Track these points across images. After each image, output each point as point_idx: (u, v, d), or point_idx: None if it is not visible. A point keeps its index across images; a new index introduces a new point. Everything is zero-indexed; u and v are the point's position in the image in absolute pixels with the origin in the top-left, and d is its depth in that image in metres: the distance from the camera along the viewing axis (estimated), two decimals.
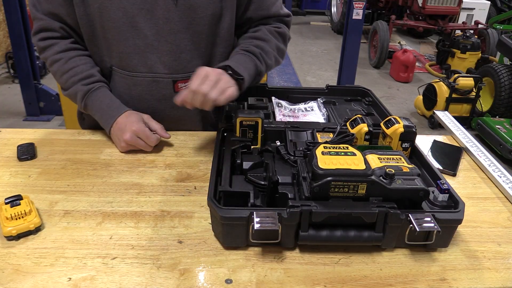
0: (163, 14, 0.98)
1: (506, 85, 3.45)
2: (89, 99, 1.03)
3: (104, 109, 1.03)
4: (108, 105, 1.03)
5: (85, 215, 0.79)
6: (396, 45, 5.88)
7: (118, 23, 0.98)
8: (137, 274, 0.66)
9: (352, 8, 3.16)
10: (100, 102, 1.03)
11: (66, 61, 1.03)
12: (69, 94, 1.05)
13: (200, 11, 1.01)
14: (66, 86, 1.05)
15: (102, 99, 1.03)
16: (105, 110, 1.03)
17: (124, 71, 1.04)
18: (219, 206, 0.69)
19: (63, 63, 1.03)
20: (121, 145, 1.00)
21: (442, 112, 1.28)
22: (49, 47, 1.04)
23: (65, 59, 1.03)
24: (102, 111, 1.03)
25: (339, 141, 0.85)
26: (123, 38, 1.00)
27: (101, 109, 1.03)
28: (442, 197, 0.76)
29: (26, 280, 0.64)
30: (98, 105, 1.03)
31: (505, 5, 6.18)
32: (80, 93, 1.03)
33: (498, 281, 0.68)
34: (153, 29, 0.99)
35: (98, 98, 1.03)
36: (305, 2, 8.04)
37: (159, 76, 1.04)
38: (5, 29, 4.49)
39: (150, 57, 1.02)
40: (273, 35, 1.12)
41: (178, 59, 1.04)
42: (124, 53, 1.02)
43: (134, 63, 1.03)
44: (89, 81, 1.03)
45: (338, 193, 0.70)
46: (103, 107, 1.03)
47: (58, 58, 1.04)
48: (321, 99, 1.21)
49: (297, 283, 0.66)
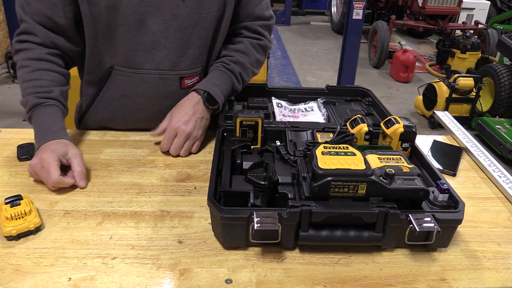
0: (170, 10, 0.98)
1: (506, 85, 3.45)
2: (35, 112, 0.95)
3: (42, 128, 0.93)
4: (48, 126, 0.93)
5: (85, 215, 0.79)
6: (396, 45, 5.88)
7: (127, 20, 0.96)
8: (137, 274, 0.66)
9: (352, 8, 3.17)
10: (43, 119, 0.94)
11: (32, 70, 0.97)
12: (22, 103, 0.97)
13: (207, 6, 1.01)
14: (23, 93, 0.97)
15: (47, 117, 0.95)
16: (42, 129, 0.93)
17: (130, 69, 1.04)
18: (219, 206, 0.69)
19: (29, 71, 0.97)
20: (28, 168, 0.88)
21: (442, 112, 1.28)
22: (23, 51, 0.99)
23: (32, 68, 0.97)
24: (39, 129, 0.94)
25: (339, 141, 0.85)
26: (131, 35, 0.99)
27: (39, 126, 0.94)
28: (442, 197, 0.76)
29: (26, 280, 0.64)
30: (40, 121, 0.94)
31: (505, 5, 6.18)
32: (30, 104, 0.95)
33: (498, 281, 0.68)
34: (161, 26, 0.99)
35: (43, 114, 0.95)
36: (305, 2, 8.05)
37: (166, 73, 1.04)
38: (5, 29, 4.49)
39: (157, 54, 1.02)
40: (255, 48, 1.16)
41: (185, 55, 1.04)
42: (130, 51, 1.01)
43: (140, 61, 1.02)
44: (43, 95, 0.96)
45: (338, 193, 0.70)
46: (42, 125, 0.94)
47: (26, 64, 0.98)
48: (321, 99, 1.21)
49: (297, 283, 0.66)
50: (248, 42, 1.15)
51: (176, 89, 1.07)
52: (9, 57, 4.03)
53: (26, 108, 0.97)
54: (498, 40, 3.75)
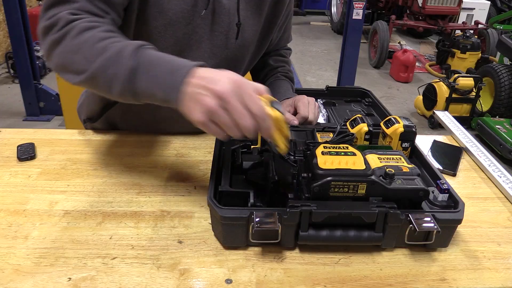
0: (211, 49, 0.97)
1: (506, 85, 3.45)
2: (144, 52, 0.69)
3: (171, 60, 0.68)
4: (175, 59, 0.69)
5: (85, 215, 0.79)
6: (396, 45, 5.88)
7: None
8: (137, 274, 0.66)
9: (352, 8, 3.16)
10: (162, 56, 0.70)
11: (107, 29, 0.75)
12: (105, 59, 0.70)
13: (246, 50, 1.04)
14: (100, 49, 0.70)
15: (162, 54, 0.70)
16: (174, 61, 0.68)
17: None
18: (219, 206, 0.69)
19: (104, 30, 0.75)
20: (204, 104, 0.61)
21: (442, 112, 1.28)
22: (81, 19, 0.75)
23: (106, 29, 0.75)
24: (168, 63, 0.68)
25: (339, 141, 0.85)
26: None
27: (165, 61, 0.68)
28: (442, 197, 0.76)
29: (26, 280, 0.64)
30: (160, 57, 0.69)
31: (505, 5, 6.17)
32: (129, 47, 0.69)
33: (498, 281, 0.68)
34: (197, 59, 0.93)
35: (157, 53, 0.71)
36: (305, 2, 8.04)
37: None
38: (5, 29, 4.49)
39: None
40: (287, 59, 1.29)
41: None
42: None
43: None
44: (138, 42, 0.71)
45: (338, 193, 0.70)
46: (168, 59, 0.69)
47: (97, 25, 0.75)
48: (321, 100, 1.21)
49: (297, 283, 0.66)
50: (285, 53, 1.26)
51: None
52: (9, 57, 4.02)
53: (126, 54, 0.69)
54: (498, 40, 3.76)
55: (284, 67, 1.23)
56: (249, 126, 0.61)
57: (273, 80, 1.18)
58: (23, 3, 3.13)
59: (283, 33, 1.19)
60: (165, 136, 1.08)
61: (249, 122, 0.61)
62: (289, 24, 1.20)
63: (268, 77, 1.20)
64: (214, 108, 0.61)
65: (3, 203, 0.81)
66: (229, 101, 0.60)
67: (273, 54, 1.23)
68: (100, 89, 0.73)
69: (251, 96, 0.62)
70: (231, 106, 0.60)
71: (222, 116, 0.61)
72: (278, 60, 1.23)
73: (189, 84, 0.64)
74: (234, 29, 0.98)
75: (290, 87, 1.17)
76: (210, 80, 0.62)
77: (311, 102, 1.07)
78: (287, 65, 1.25)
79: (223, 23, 0.96)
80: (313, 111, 1.05)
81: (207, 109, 0.61)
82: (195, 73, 0.65)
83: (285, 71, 1.22)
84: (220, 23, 0.96)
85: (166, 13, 0.88)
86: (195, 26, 0.93)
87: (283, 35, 1.20)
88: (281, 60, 1.24)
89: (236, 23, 0.97)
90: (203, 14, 0.92)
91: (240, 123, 0.61)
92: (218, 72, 0.64)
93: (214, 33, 0.96)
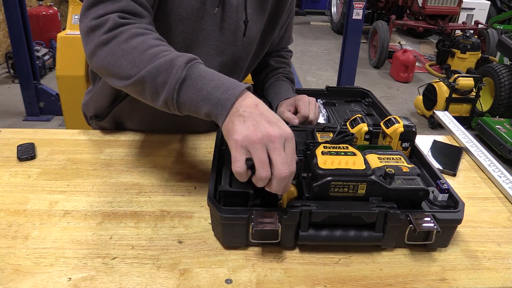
0: (217, 46, 0.98)
1: (506, 85, 3.46)
2: (195, 66, 0.71)
3: (222, 78, 0.70)
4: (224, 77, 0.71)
5: (85, 215, 0.79)
6: (396, 45, 5.88)
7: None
8: (137, 274, 0.66)
9: (352, 8, 3.17)
10: (212, 72, 0.71)
11: (157, 37, 0.77)
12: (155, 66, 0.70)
13: (250, 48, 1.05)
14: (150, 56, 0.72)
15: (212, 71, 0.72)
16: (225, 79, 0.70)
17: None
18: (219, 206, 0.69)
19: (154, 37, 0.76)
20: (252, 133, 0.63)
21: (442, 112, 1.28)
22: (131, 24, 0.77)
23: (156, 37, 0.77)
24: (220, 80, 0.69)
25: (339, 140, 0.85)
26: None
27: (216, 78, 0.70)
28: (442, 197, 0.76)
29: (26, 280, 0.64)
30: (210, 73, 0.71)
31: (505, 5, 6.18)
32: (181, 59, 0.70)
33: (498, 281, 0.68)
34: (203, 58, 0.94)
35: (207, 69, 0.72)
36: (305, 2, 8.05)
37: None
38: (5, 29, 4.49)
39: None
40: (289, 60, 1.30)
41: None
42: None
43: None
44: (189, 55, 0.72)
45: (338, 193, 0.70)
46: (218, 76, 0.71)
47: (147, 32, 0.76)
48: (321, 100, 1.21)
49: (297, 283, 0.66)
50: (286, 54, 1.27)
51: None
52: (9, 57, 4.02)
53: (178, 63, 0.70)
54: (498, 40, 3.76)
55: (285, 68, 1.23)
56: (284, 174, 0.62)
57: (274, 81, 1.19)
58: (23, 3, 3.14)
59: (284, 33, 1.19)
60: (165, 136, 1.08)
61: (286, 171, 0.63)
62: (290, 24, 1.20)
63: (269, 78, 1.20)
64: (258, 142, 0.63)
65: (3, 203, 0.81)
66: (277, 148, 0.63)
67: (274, 55, 1.24)
68: (145, 95, 0.74)
69: (293, 153, 0.65)
70: (278, 151, 0.63)
71: (261, 153, 0.63)
72: (279, 61, 1.23)
73: (241, 106, 0.66)
74: (241, 27, 0.99)
75: (291, 88, 1.18)
76: (267, 118, 0.65)
77: (311, 102, 1.07)
78: (288, 66, 1.25)
79: (230, 20, 0.97)
80: (313, 111, 1.05)
81: (251, 139, 0.63)
82: (247, 96, 0.68)
83: (286, 72, 1.22)
84: (228, 20, 0.96)
85: (177, 9, 0.89)
86: (203, 23, 0.94)
87: (284, 35, 1.20)
88: (282, 61, 1.24)
89: (244, 21, 0.98)
90: (215, 12, 0.93)
91: (278, 168, 0.62)
92: (271, 111, 0.67)
93: (222, 30, 0.97)
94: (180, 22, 0.91)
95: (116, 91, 1.03)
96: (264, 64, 1.22)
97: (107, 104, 1.07)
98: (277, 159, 0.62)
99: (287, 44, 1.26)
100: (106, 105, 1.07)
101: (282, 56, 1.25)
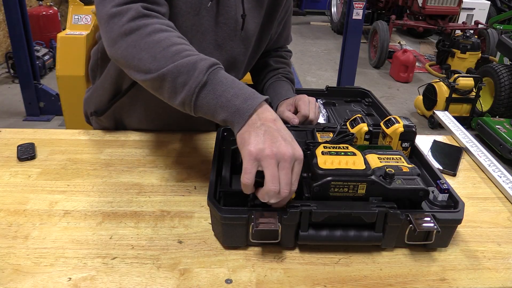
0: (216, 40, 0.98)
1: (506, 85, 3.46)
2: (217, 72, 0.71)
3: (242, 86, 0.71)
4: (244, 85, 0.72)
5: (85, 215, 0.79)
6: (396, 45, 5.88)
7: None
8: (137, 274, 0.66)
9: (352, 8, 3.17)
10: (232, 79, 0.72)
11: (180, 36, 0.77)
12: (177, 66, 0.71)
13: (249, 43, 1.05)
14: (172, 54, 0.72)
15: (232, 78, 0.73)
16: (244, 88, 0.71)
17: None
18: (219, 206, 0.69)
19: (177, 35, 0.77)
20: (267, 148, 0.64)
21: (442, 112, 1.28)
22: (154, 17, 0.78)
23: (179, 35, 0.77)
24: (239, 89, 0.70)
25: (339, 140, 0.85)
26: None
27: (235, 86, 0.70)
28: (442, 197, 0.76)
29: (26, 280, 0.64)
30: (230, 80, 0.71)
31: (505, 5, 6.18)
32: (205, 63, 0.71)
33: (498, 281, 0.68)
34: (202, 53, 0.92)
35: (228, 75, 0.73)
36: (305, 2, 8.05)
37: None
38: (5, 29, 4.49)
39: None
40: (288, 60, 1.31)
41: None
42: None
43: None
44: (212, 60, 0.73)
45: (338, 193, 0.70)
46: (238, 84, 0.71)
47: (170, 30, 0.77)
48: (321, 100, 1.21)
49: (297, 283, 0.66)
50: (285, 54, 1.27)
51: None
52: (9, 57, 4.02)
53: (200, 67, 0.71)
54: (498, 40, 3.76)
55: (284, 69, 1.23)
56: (284, 195, 0.65)
57: (274, 81, 1.19)
58: (23, 3, 3.14)
59: (282, 30, 1.19)
60: (165, 136, 1.08)
61: (287, 191, 0.65)
62: (288, 22, 1.20)
63: (268, 78, 1.20)
64: (271, 157, 0.64)
65: (3, 203, 0.81)
66: (287, 167, 0.65)
67: (274, 55, 1.24)
68: (162, 92, 0.74)
69: (298, 174, 0.68)
70: (286, 171, 0.65)
71: (273, 166, 0.64)
72: (279, 61, 1.23)
73: (260, 119, 0.67)
74: (238, 21, 0.99)
75: (291, 88, 1.18)
76: (283, 136, 0.66)
77: (311, 102, 1.07)
78: (288, 66, 1.26)
79: (227, 15, 0.97)
80: (313, 110, 1.05)
81: (265, 153, 0.64)
82: (266, 109, 0.69)
83: (285, 72, 1.22)
84: (225, 14, 0.97)
85: (177, 2, 0.90)
86: (201, 17, 0.94)
87: (283, 32, 1.20)
88: (282, 61, 1.24)
89: (241, 15, 0.99)
90: (209, 6, 0.93)
91: (282, 182, 0.65)
92: (287, 130, 0.69)
93: (219, 24, 0.97)
94: (180, 15, 0.91)
95: (117, 85, 1.04)
96: (263, 64, 1.22)
97: (108, 99, 1.07)
98: (283, 179, 0.64)
99: (286, 43, 1.26)
100: (107, 100, 1.07)
101: (282, 56, 1.25)
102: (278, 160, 0.64)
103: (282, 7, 1.10)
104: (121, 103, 1.07)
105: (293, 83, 1.22)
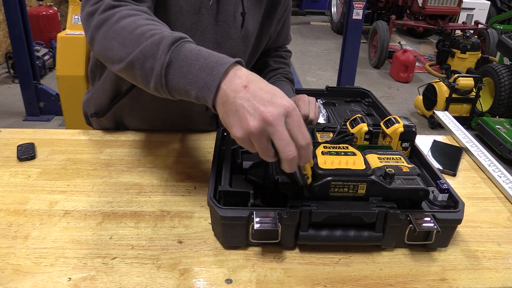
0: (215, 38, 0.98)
1: (506, 85, 3.46)
2: (181, 47, 0.66)
3: (208, 56, 0.64)
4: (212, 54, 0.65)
5: (85, 215, 0.79)
6: (396, 45, 5.88)
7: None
8: (137, 274, 0.66)
9: (352, 8, 3.17)
10: (199, 51, 0.66)
11: (148, 17, 0.74)
12: (141, 50, 0.67)
13: (249, 42, 1.05)
14: (137, 37, 0.69)
15: (199, 49, 0.66)
16: (211, 57, 0.64)
17: None
18: (219, 206, 0.69)
19: (144, 18, 0.73)
20: (248, 124, 0.57)
21: (442, 112, 1.28)
22: (123, 6, 0.75)
23: (147, 17, 0.74)
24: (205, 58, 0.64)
25: (339, 140, 0.85)
26: None
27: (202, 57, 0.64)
28: (442, 197, 0.76)
29: (26, 280, 0.64)
30: (196, 52, 0.65)
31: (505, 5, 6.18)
32: (166, 40, 0.66)
33: (498, 281, 0.68)
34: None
35: (195, 47, 0.66)
36: (305, 2, 8.05)
37: None
38: (5, 29, 4.49)
39: None
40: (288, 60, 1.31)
41: None
42: None
43: None
44: (176, 35, 0.68)
45: (338, 193, 0.70)
46: (205, 54, 0.65)
47: (138, 13, 0.74)
48: (321, 100, 1.21)
49: (297, 283, 0.66)
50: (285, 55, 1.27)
51: None
52: (9, 57, 4.02)
53: (163, 45, 0.66)
54: (498, 40, 3.76)
55: (284, 69, 1.23)
56: (291, 156, 0.58)
57: (273, 81, 1.19)
58: (23, 3, 3.14)
59: (281, 28, 1.19)
60: (165, 136, 1.08)
61: (292, 151, 0.58)
62: (287, 20, 1.20)
63: (268, 78, 1.20)
64: (257, 132, 0.57)
65: (3, 203, 0.81)
66: (277, 130, 0.57)
67: (273, 55, 1.24)
68: (137, 81, 0.71)
69: (300, 124, 0.59)
70: (278, 134, 0.57)
71: (263, 142, 0.58)
72: (278, 61, 1.23)
73: (230, 91, 0.60)
74: (238, 19, 0.99)
75: (291, 88, 1.18)
76: (259, 100, 0.58)
77: (311, 101, 1.07)
78: (288, 66, 1.26)
79: (227, 13, 0.97)
80: (313, 110, 1.05)
81: (249, 131, 0.57)
82: (234, 74, 0.61)
83: (285, 72, 1.22)
84: (224, 12, 0.97)
85: (177, 1, 0.90)
86: (201, 16, 0.94)
87: (282, 30, 1.20)
88: (282, 61, 1.24)
89: (241, 13, 0.99)
90: (210, 4, 0.93)
91: (283, 152, 0.58)
92: (264, 86, 0.60)
93: (218, 22, 0.97)
94: (180, 14, 0.92)
95: (117, 87, 1.04)
96: (263, 65, 1.22)
97: (108, 100, 1.07)
98: (278, 143, 0.58)
99: (285, 42, 1.26)
100: (107, 102, 1.07)
101: (282, 56, 1.25)
102: (265, 130, 0.57)
103: (281, 5, 1.10)
104: (122, 104, 1.07)
105: (293, 83, 1.22)
